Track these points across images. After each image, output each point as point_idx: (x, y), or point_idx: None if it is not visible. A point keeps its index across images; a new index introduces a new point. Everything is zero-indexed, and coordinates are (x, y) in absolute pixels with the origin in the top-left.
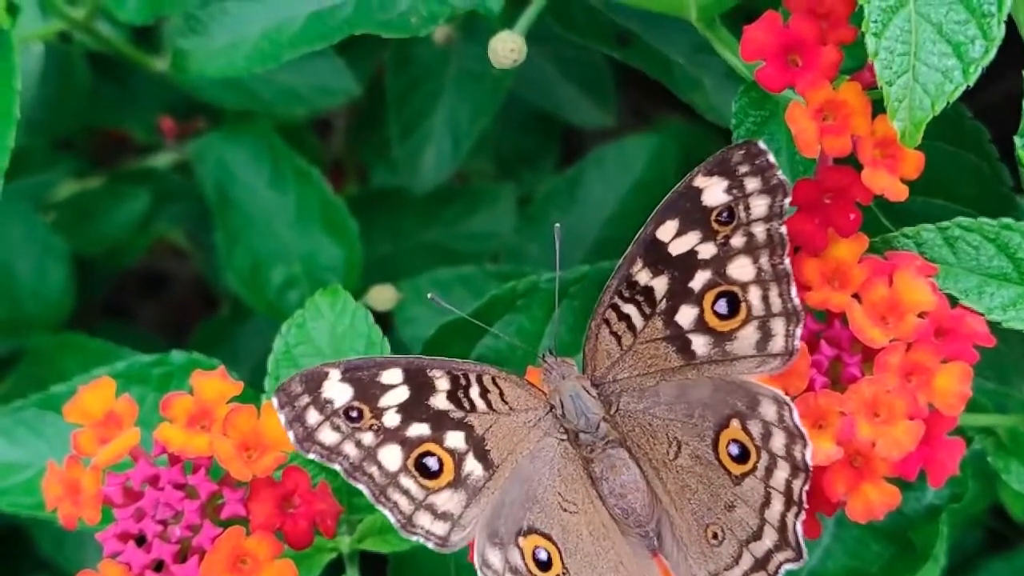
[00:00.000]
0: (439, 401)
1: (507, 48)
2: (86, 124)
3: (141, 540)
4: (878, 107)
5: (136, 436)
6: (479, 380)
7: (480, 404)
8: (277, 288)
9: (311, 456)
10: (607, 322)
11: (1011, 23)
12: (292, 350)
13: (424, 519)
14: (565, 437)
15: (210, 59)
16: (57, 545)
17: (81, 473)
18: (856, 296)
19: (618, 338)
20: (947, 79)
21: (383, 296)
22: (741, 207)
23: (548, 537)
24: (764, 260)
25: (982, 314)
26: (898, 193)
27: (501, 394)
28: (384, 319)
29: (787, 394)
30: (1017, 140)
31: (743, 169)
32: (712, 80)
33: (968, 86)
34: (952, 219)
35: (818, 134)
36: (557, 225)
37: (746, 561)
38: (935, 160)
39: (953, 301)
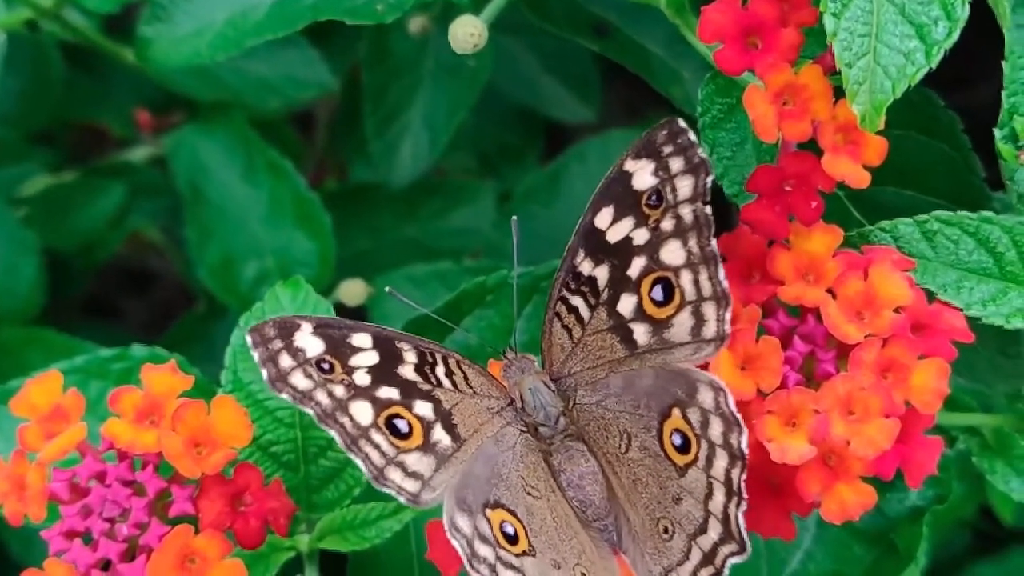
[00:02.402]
0: (407, 372)
1: (467, 32)
2: (62, 117)
3: (88, 538)
4: (841, 93)
5: (83, 431)
6: (444, 361)
7: (446, 382)
8: (249, 283)
9: (284, 396)
10: (558, 315)
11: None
12: None
13: (395, 475)
14: (525, 429)
15: (175, 47)
16: (26, 547)
17: (27, 469)
18: (831, 291)
19: (569, 331)
20: (909, 61)
21: (353, 291)
22: (668, 189)
23: (514, 514)
24: (693, 243)
25: (961, 309)
26: (860, 180)
27: (465, 377)
28: (358, 315)
29: (759, 391)
30: (996, 132)
31: (667, 149)
32: (691, 72)
33: (930, 68)
34: (930, 212)
35: (777, 119)
36: (514, 218)
37: (695, 555)
38: (906, 150)
39: (931, 297)
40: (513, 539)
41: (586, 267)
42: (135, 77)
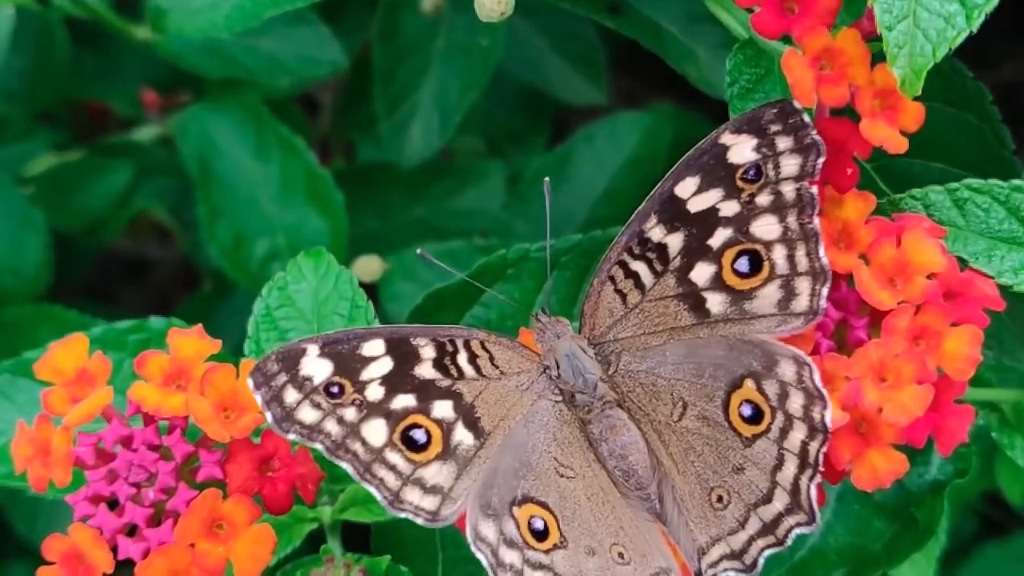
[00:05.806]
0: (425, 370)
1: (494, 0)
2: (67, 96)
3: (113, 503)
4: (878, 58)
5: (109, 394)
6: (467, 345)
7: (469, 370)
8: (260, 261)
9: (291, 437)
10: (612, 279)
11: None
12: (273, 313)
13: (413, 494)
14: (560, 399)
15: (190, 18)
16: (31, 524)
17: (51, 433)
18: (863, 257)
19: (623, 296)
20: (949, 25)
21: (369, 267)
22: (770, 165)
23: (544, 505)
24: (792, 219)
25: (992, 277)
26: (898, 145)
27: (491, 358)
28: (370, 293)
29: None
30: None
31: (775, 128)
32: (706, 51)
33: (971, 32)
34: (961, 180)
35: (815, 83)
36: (547, 179)
37: (753, 525)
38: (934, 122)
39: (962, 265)
40: (542, 535)
41: (656, 233)
42: (141, 56)
